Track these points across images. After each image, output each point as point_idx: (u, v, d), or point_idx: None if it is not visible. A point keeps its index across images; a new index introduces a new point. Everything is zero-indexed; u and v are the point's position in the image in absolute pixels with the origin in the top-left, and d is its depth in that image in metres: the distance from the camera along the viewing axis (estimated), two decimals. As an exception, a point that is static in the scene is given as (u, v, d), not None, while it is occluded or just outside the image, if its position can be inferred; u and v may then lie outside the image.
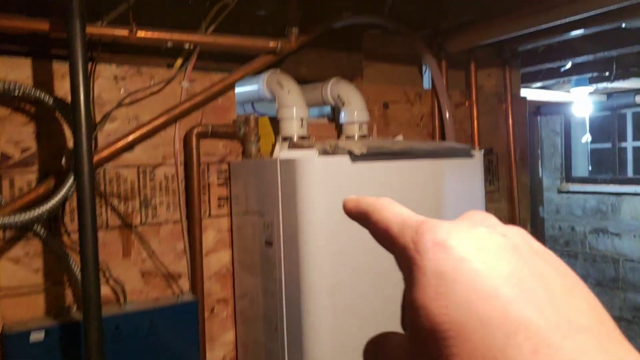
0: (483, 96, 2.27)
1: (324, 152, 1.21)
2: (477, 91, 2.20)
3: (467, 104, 2.19)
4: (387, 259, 0.27)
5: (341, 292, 1.22)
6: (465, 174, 1.42)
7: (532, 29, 1.73)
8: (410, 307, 0.22)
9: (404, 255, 0.23)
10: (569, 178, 4.84)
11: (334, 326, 1.25)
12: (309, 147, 1.32)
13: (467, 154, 1.40)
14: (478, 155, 1.45)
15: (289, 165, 1.22)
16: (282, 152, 1.28)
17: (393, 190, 1.28)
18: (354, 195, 0.28)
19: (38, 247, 1.35)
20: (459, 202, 1.43)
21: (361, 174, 1.22)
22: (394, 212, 0.25)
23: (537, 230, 2.79)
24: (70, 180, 1.19)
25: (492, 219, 0.25)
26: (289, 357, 1.33)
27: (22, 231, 1.32)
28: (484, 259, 0.22)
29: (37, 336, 1.25)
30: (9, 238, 1.31)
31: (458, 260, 0.21)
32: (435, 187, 1.36)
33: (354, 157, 1.17)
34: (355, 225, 0.29)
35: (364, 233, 0.29)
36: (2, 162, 1.29)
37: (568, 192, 4.77)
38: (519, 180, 2.43)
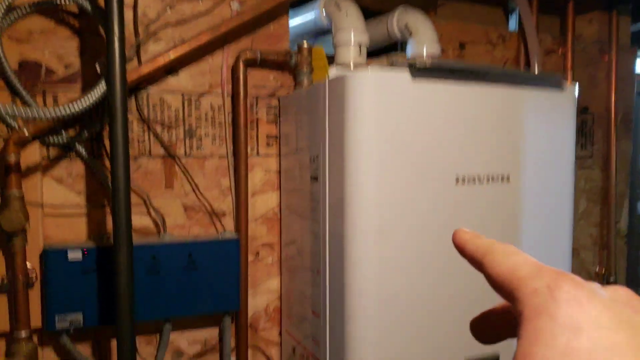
0: (581, 44, 1.95)
1: (379, 67, 1.04)
2: (573, 38, 1.90)
3: (560, 51, 1.89)
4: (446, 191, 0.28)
5: (390, 232, 1.05)
6: (553, 110, 1.17)
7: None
8: (532, 356, 0.21)
9: (531, 300, 0.22)
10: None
11: (380, 274, 1.09)
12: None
13: (555, 84, 1.15)
14: (570, 89, 1.19)
15: (337, 84, 1.06)
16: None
17: (461, 119, 1.08)
18: (468, 230, 0.28)
19: (81, 168, 1.32)
20: (541, 146, 1.19)
21: (423, 95, 1.03)
22: (524, 256, 0.25)
23: (635, 208, 2.42)
24: (102, 83, 1.12)
25: (636, 302, 0.23)
26: (330, 306, 1.19)
27: (65, 150, 1.29)
28: (619, 336, 0.20)
29: (74, 255, 1.23)
30: (53, 157, 1.28)
31: (594, 323, 0.21)
32: (512, 121, 1.13)
33: (415, 72, 0.99)
34: (412, 150, 0.26)
35: (423, 162, 0.34)
36: (46, 77, 1.26)
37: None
38: (619, 148, 2.09)
